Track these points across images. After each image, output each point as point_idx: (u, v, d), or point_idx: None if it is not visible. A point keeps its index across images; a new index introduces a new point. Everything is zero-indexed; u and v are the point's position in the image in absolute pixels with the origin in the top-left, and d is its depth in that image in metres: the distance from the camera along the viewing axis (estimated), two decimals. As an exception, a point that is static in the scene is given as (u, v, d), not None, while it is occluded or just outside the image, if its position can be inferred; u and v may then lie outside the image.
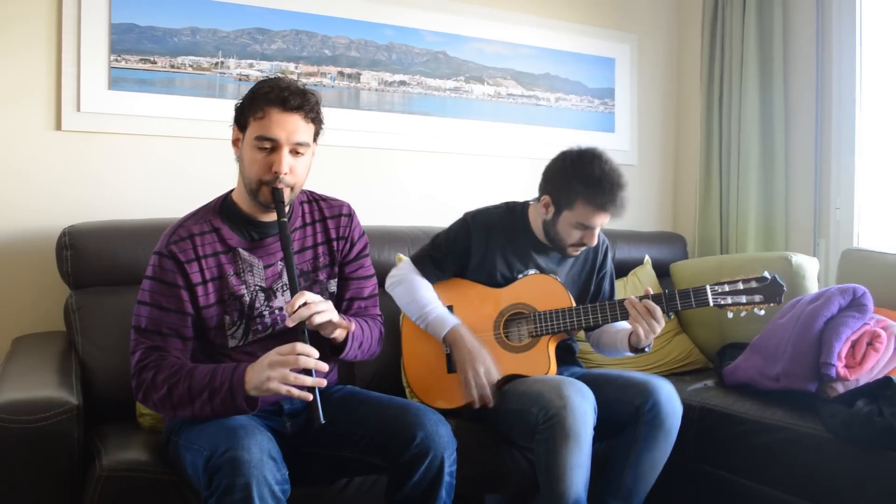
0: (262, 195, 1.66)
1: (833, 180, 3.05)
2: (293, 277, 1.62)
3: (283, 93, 1.63)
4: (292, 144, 1.64)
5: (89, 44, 2.38)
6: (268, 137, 1.62)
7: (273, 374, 1.49)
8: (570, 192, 2.07)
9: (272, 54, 2.71)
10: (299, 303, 1.55)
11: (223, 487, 1.41)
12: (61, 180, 2.37)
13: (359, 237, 1.88)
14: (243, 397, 1.53)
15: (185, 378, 1.56)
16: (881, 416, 1.89)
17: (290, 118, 1.63)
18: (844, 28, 3.01)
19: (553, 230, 2.15)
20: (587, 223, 2.08)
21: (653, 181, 3.63)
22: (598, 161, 2.07)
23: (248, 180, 1.66)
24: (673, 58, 3.67)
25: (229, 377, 1.54)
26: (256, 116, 1.63)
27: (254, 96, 1.65)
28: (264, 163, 1.63)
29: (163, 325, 1.63)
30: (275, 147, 1.63)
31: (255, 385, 1.52)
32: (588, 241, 2.12)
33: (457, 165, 3.10)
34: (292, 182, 1.67)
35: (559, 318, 2.08)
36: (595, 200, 2.04)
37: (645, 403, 1.97)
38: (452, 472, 1.70)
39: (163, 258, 1.66)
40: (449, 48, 3.07)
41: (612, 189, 2.04)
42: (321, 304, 1.59)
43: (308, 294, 1.58)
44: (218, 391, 1.54)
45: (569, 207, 2.09)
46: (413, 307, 2.16)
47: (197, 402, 1.55)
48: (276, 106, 1.62)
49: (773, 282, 1.98)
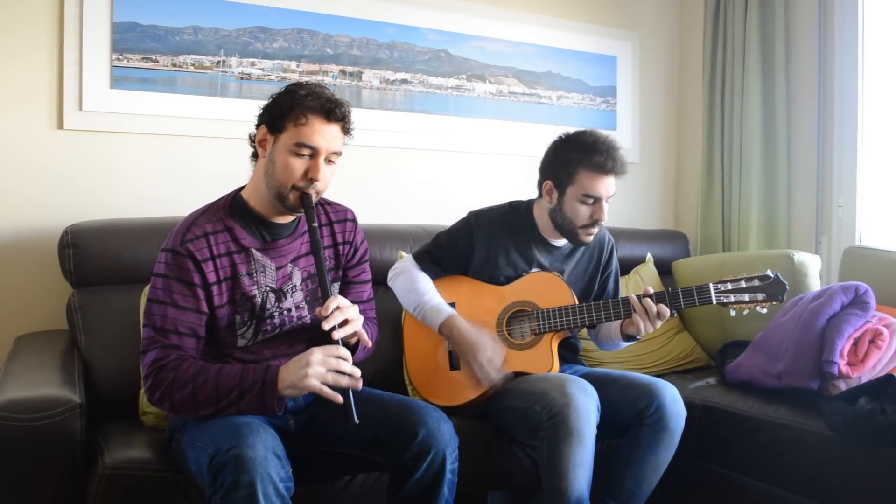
0: (291, 200, 1.66)
1: (835, 177, 3.05)
2: (325, 281, 1.64)
3: (328, 104, 1.65)
4: (329, 153, 1.67)
5: (91, 43, 2.38)
6: (309, 145, 1.63)
7: (311, 372, 1.52)
8: (569, 164, 2.09)
9: (274, 53, 2.71)
10: (333, 306, 1.57)
11: (227, 485, 1.42)
12: (63, 179, 2.38)
13: (361, 242, 1.90)
14: (275, 398, 1.55)
15: (211, 378, 1.56)
16: (883, 413, 1.89)
17: (331, 128, 1.66)
18: (846, 25, 3.01)
19: (561, 215, 2.14)
20: (593, 192, 2.08)
21: (655, 179, 3.63)
22: (589, 131, 2.12)
23: (279, 184, 1.65)
24: (675, 55, 3.66)
25: (262, 377, 1.55)
26: (299, 122, 1.63)
27: (295, 102, 1.64)
28: (301, 169, 1.64)
29: (179, 323, 1.61)
30: (313, 155, 1.65)
31: (291, 382, 1.53)
32: (598, 216, 2.11)
33: (458, 164, 3.10)
34: (322, 189, 1.70)
35: (562, 316, 2.08)
36: (594, 162, 2.06)
37: (649, 406, 1.98)
38: (454, 469, 1.70)
39: (179, 256, 1.63)
40: (451, 46, 3.07)
41: (608, 149, 2.07)
42: (351, 309, 1.62)
43: (340, 298, 1.61)
44: (248, 391, 1.55)
45: (571, 182, 2.10)
46: (411, 297, 2.17)
47: (223, 402, 1.55)
48: (320, 115, 1.64)
49: (775, 280, 1.98)
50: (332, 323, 1.56)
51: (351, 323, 1.61)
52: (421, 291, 2.16)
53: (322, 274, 1.64)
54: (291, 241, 1.75)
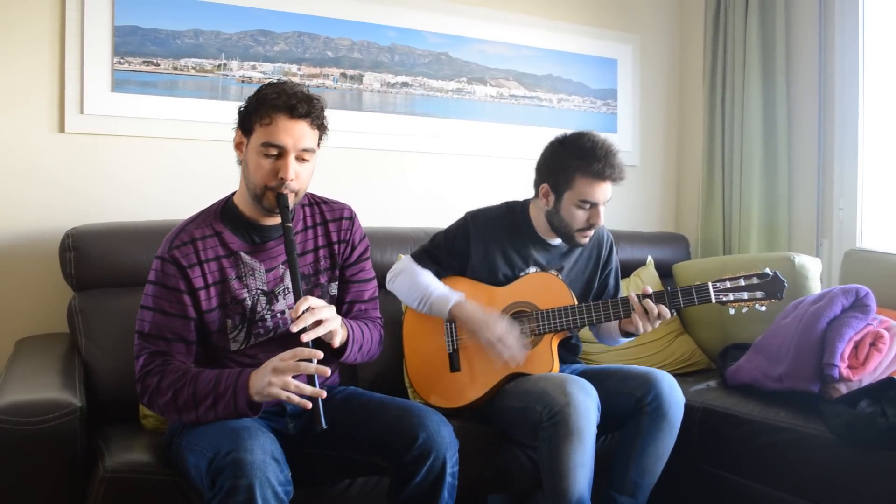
0: (266, 200, 1.66)
1: (836, 180, 3.05)
2: (297, 283, 1.62)
3: (291, 100, 1.63)
4: (298, 151, 1.65)
5: (92, 46, 2.39)
6: (274, 144, 1.62)
7: (274, 380, 1.50)
8: (566, 170, 2.09)
9: (275, 56, 2.71)
10: (303, 308, 1.55)
11: (226, 489, 1.42)
12: (65, 182, 2.38)
13: (360, 240, 1.88)
14: (246, 402, 1.54)
15: (189, 383, 1.57)
16: (884, 416, 1.89)
17: (297, 125, 1.64)
18: (847, 28, 3.01)
19: (557, 218, 2.15)
20: (590, 198, 2.08)
21: (655, 182, 3.63)
22: (587, 135, 2.11)
23: (253, 185, 1.66)
24: (675, 58, 3.67)
25: (233, 383, 1.55)
26: (263, 122, 1.62)
27: (260, 102, 1.64)
28: (270, 169, 1.63)
29: (166, 329, 1.63)
30: (281, 153, 1.64)
31: (258, 390, 1.53)
32: (595, 221, 2.11)
33: (459, 166, 3.10)
34: (297, 188, 1.67)
35: (561, 317, 2.08)
36: (592, 169, 2.05)
37: (647, 395, 1.98)
38: (455, 472, 1.70)
39: (165, 263, 1.66)
40: (451, 49, 3.07)
41: (606, 155, 2.06)
42: (325, 309, 1.59)
43: (312, 299, 1.58)
44: (222, 396, 1.55)
45: (568, 187, 2.09)
46: (414, 292, 2.17)
47: (201, 407, 1.56)
48: (283, 113, 1.62)
49: (774, 278, 1.98)
50: (301, 325, 1.53)
51: (324, 323, 1.58)
52: (424, 284, 2.16)
53: (295, 274, 1.62)
54: (281, 242, 1.74)
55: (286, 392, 1.50)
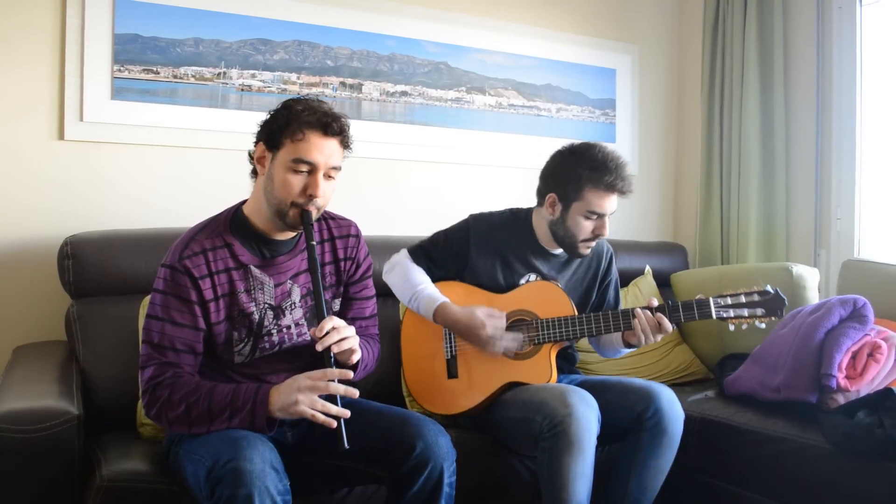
0: (290, 217, 1.65)
1: (834, 190, 3.06)
2: (321, 301, 1.62)
3: (325, 118, 1.63)
4: (328, 169, 1.65)
5: (93, 54, 2.39)
6: (306, 161, 1.62)
7: (303, 399, 1.51)
8: (577, 180, 2.08)
9: (274, 65, 2.72)
10: (328, 327, 1.56)
11: (225, 498, 1.41)
12: (63, 189, 2.38)
13: (364, 258, 1.89)
14: (265, 418, 1.54)
15: (204, 398, 1.56)
16: (882, 427, 1.89)
17: (328, 143, 1.64)
18: (845, 37, 3.03)
19: (563, 228, 2.14)
20: (598, 210, 2.08)
21: (654, 191, 3.64)
22: (597, 146, 2.11)
23: (278, 201, 1.64)
24: (674, 68, 3.68)
25: (252, 398, 1.55)
26: (295, 138, 1.62)
27: (292, 117, 1.63)
28: (300, 185, 1.63)
29: (176, 340, 1.62)
30: (311, 170, 1.63)
31: (282, 406, 1.53)
32: (600, 232, 2.12)
33: (458, 175, 3.10)
34: (322, 205, 1.68)
35: (561, 327, 2.08)
36: (603, 181, 2.06)
37: (647, 410, 1.98)
38: (452, 482, 1.70)
39: (176, 273, 1.63)
40: (450, 59, 3.08)
41: (617, 168, 2.07)
42: (347, 329, 1.60)
43: (336, 319, 1.59)
44: (239, 411, 1.54)
45: (577, 198, 2.09)
46: (405, 287, 2.17)
47: (216, 421, 1.55)
48: (316, 130, 1.62)
49: (775, 296, 1.99)
50: (326, 344, 1.55)
51: (347, 341, 1.60)
52: (415, 282, 2.16)
53: (318, 293, 1.63)
54: (291, 257, 1.75)
55: (312, 410, 1.50)
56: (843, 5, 3.02)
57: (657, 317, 1.99)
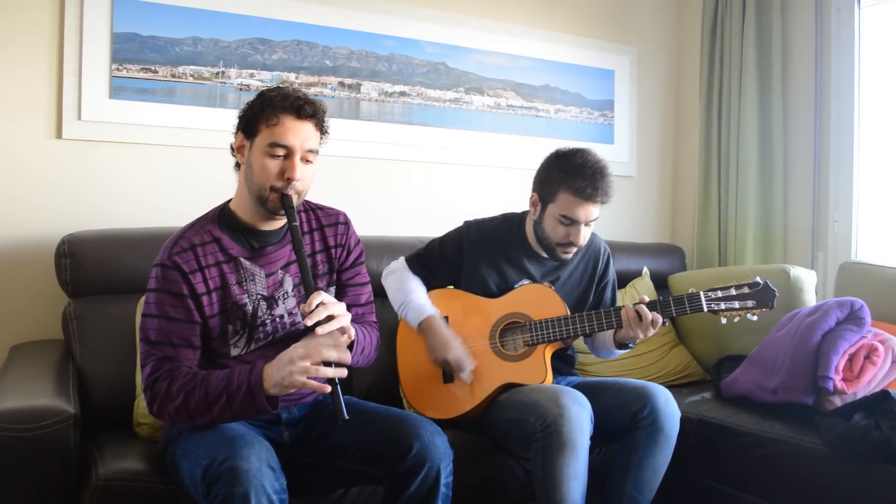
0: (271, 202, 1.67)
1: (831, 193, 3.06)
2: (308, 278, 1.62)
3: (298, 101, 1.65)
4: (304, 152, 1.67)
5: (91, 53, 2.39)
6: (282, 144, 1.64)
7: (294, 368, 1.50)
8: (552, 182, 2.10)
9: (273, 64, 2.72)
10: (316, 302, 1.55)
11: (221, 497, 1.41)
12: (61, 188, 2.38)
13: (355, 244, 1.89)
14: (263, 397, 1.53)
15: (200, 385, 1.56)
16: (878, 429, 1.89)
17: (303, 126, 1.66)
18: (843, 40, 3.03)
19: (540, 228, 2.16)
20: (570, 215, 2.08)
21: (652, 193, 3.64)
22: (582, 153, 2.10)
23: (258, 187, 1.66)
24: (672, 70, 3.68)
25: (246, 378, 1.54)
26: (270, 123, 1.64)
27: (266, 104, 1.66)
28: (276, 169, 1.65)
29: (172, 335, 1.62)
30: (288, 154, 1.65)
31: (277, 381, 1.52)
32: (574, 239, 2.11)
33: (456, 176, 3.10)
34: (301, 188, 1.69)
35: (554, 327, 2.08)
36: (575, 186, 2.04)
37: (643, 409, 1.98)
38: (448, 483, 1.70)
39: (166, 269, 1.65)
40: (449, 59, 3.08)
41: (592, 175, 2.05)
42: (337, 305, 1.59)
43: (323, 294, 1.58)
44: (236, 394, 1.54)
45: (552, 200, 2.10)
46: (398, 294, 2.22)
47: (215, 408, 1.55)
48: (290, 114, 1.64)
49: (764, 287, 2.00)
50: (315, 319, 1.54)
51: (336, 319, 1.57)
52: (407, 290, 2.21)
53: (305, 270, 1.63)
54: (280, 247, 1.76)
55: (304, 379, 1.49)
56: (841, 7, 3.03)
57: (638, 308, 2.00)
